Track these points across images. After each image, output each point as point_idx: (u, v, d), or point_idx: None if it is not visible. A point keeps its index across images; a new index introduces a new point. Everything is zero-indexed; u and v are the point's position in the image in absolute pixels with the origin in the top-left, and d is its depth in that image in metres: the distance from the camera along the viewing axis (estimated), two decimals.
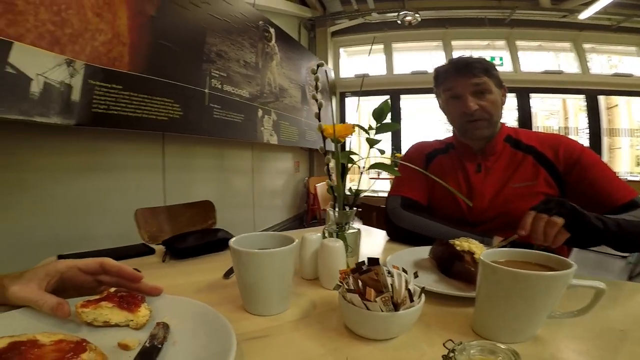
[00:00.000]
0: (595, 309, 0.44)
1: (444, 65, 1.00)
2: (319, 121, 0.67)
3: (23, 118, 1.40)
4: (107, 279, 0.50)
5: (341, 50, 6.01)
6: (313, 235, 0.67)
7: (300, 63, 4.30)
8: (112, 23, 1.79)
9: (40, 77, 1.45)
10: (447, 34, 5.54)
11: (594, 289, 0.44)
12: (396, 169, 0.77)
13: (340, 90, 5.85)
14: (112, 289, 0.47)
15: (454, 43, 5.56)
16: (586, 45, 5.31)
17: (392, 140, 5.65)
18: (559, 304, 0.43)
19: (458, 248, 0.62)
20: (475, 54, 0.99)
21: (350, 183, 0.74)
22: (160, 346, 0.37)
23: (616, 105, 5.69)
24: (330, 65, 5.65)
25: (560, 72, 5.30)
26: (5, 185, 1.62)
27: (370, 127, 0.72)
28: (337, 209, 0.69)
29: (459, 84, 0.93)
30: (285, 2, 4.37)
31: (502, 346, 0.32)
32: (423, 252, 0.76)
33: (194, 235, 0.91)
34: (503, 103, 0.96)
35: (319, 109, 0.68)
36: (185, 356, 0.37)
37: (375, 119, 0.71)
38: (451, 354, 0.31)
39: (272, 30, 3.49)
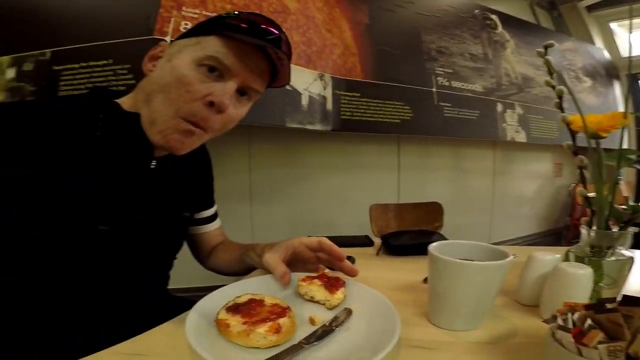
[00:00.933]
0: None
1: None
2: (562, 112, 0.54)
3: (299, 126, 1.86)
4: (322, 256, 0.58)
5: (613, 25, 4.42)
6: (546, 255, 0.53)
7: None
8: (340, 36, 2.05)
9: (305, 92, 1.86)
10: None
11: None
12: None
13: (626, 72, 4.27)
14: (327, 270, 0.54)
15: None
16: None
17: None
18: None
19: None
20: None
21: None
22: (334, 329, 0.41)
23: None
24: (599, 44, 4.26)
25: None
26: (291, 178, 2.24)
27: None
28: (594, 227, 0.51)
29: None
30: None
31: None
32: None
33: (410, 234, 0.93)
34: None
35: (559, 98, 0.56)
36: (348, 344, 0.39)
37: None
38: None
39: (494, 17, 3.06)
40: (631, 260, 0.49)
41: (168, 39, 1.53)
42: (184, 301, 0.68)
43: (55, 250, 0.49)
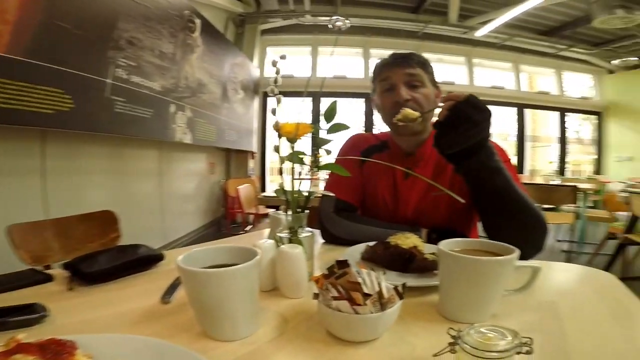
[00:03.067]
0: (533, 285, 0.50)
1: (384, 59, 0.97)
2: (274, 115, 0.63)
3: None
4: None
5: (268, 49, 5.93)
6: (266, 242, 0.61)
7: (224, 59, 4.07)
8: None
9: None
10: (368, 42, 5.88)
11: (532, 268, 0.50)
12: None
13: (264, 90, 5.72)
14: (20, 335, 0.33)
15: (372, 51, 5.95)
16: (475, 60, 6.22)
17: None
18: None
19: (404, 247, 0.64)
20: None
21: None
22: None
23: None
24: (255, 63, 5.52)
25: (452, 83, 6.07)
26: None
27: (319, 127, 0.69)
28: (289, 212, 0.64)
29: (394, 73, 0.90)
30: None
31: (500, 327, 0.33)
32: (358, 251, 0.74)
33: (107, 254, 0.73)
34: (436, 105, 0.92)
35: (278, 103, 0.62)
36: None
37: (325, 119, 0.69)
38: (458, 340, 0.32)
39: (197, 21, 3.24)
40: (313, 235, 0.68)
41: None
42: None
43: None
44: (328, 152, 0.71)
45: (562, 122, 6.62)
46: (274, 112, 0.62)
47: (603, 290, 0.58)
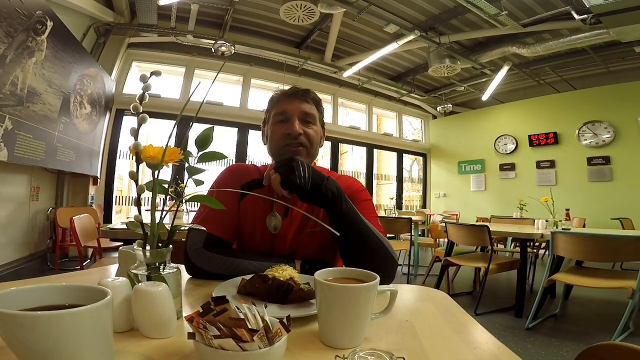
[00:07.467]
0: (393, 307, 0.56)
1: (282, 90, 0.98)
2: (136, 140, 0.54)
3: None
4: None
5: (134, 64, 5.28)
6: (116, 281, 0.52)
7: (72, 68, 3.45)
8: None
9: None
10: (249, 71, 5.87)
11: (390, 292, 0.56)
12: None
13: (118, 107, 4.98)
14: None
15: (252, 81, 5.99)
16: (339, 100, 6.90)
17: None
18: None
19: (282, 279, 0.64)
20: (267, 95, 1.02)
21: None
22: None
23: (345, 152, 7.66)
24: (113, 77, 4.76)
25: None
26: None
27: (190, 154, 0.64)
28: (148, 248, 0.56)
29: (292, 104, 0.92)
30: None
31: (377, 350, 0.35)
32: (232, 285, 0.72)
33: None
34: (321, 145, 0.98)
35: (139, 125, 0.54)
36: None
37: (198, 146, 0.64)
38: None
39: (49, 23, 2.76)
40: (179, 270, 0.60)
41: None
42: None
43: None
44: (199, 182, 0.66)
45: (400, 162, 7.95)
46: (134, 132, 0.54)
47: (441, 306, 0.68)
